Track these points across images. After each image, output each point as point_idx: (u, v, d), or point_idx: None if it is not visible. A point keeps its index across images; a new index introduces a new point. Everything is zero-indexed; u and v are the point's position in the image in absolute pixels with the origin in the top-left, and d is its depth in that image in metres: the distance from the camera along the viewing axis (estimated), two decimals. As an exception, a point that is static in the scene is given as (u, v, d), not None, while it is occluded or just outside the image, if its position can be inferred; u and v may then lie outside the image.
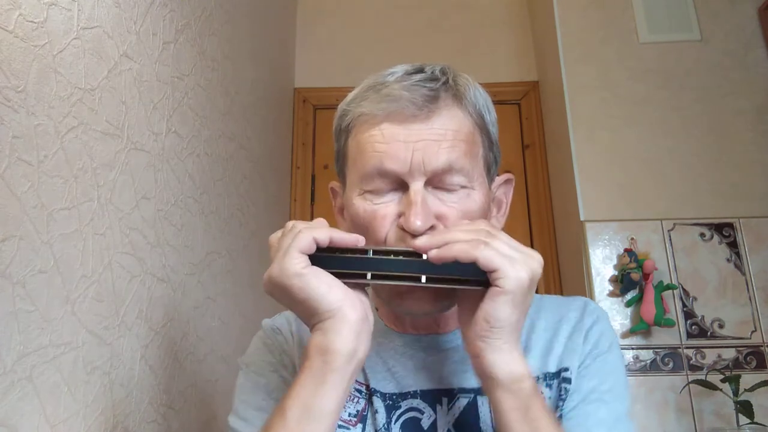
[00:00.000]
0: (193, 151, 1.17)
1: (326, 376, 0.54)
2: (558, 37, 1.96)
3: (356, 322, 0.56)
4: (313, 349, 0.56)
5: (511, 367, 0.55)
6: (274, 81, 2.04)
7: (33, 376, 0.64)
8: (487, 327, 0.54)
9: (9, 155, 0.61)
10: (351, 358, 0.55)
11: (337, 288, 0.56)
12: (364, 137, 0.63)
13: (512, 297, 0.53)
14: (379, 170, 0.61)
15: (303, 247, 0.55)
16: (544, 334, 0.69)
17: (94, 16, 0.79)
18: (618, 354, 0.68)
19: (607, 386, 0.64)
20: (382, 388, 0.67)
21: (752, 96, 1.84)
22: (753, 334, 1.63)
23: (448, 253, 0.54)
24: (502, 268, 0.53)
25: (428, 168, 0.60)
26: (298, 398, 0.54)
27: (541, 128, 2.29)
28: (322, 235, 0.56)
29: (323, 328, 0.56)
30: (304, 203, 2.27)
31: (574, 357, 0.66)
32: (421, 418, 0.65)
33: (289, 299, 0.57)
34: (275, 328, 0.75)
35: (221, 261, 1.33)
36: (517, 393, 0.54)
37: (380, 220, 0.62)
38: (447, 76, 0.65)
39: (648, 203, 1.76)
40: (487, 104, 0.67)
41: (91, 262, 0.76)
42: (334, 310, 0.55)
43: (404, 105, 0.61)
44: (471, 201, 0.63)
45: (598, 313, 0.70)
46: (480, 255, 0.53)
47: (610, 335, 0.68)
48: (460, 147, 0.62)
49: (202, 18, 1.24)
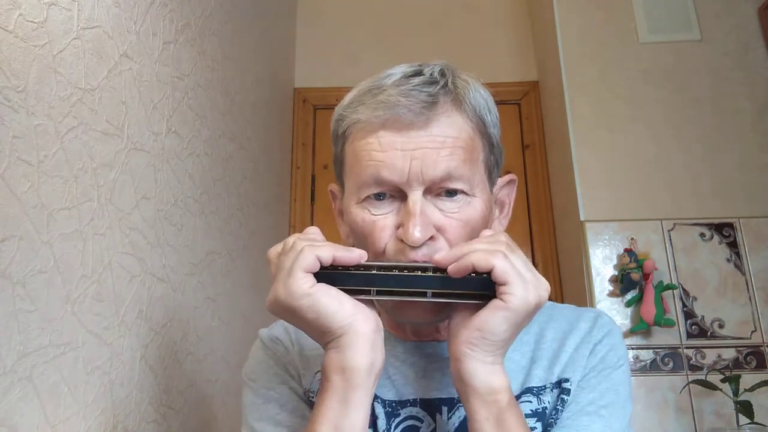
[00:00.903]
0: (193, 151, 1.17)
1: (349, 394, 0.54)
2: (558, 37, 1.96)
3: (370, 333, 0.55)
4: (331, 367, 0.55)
5: (490, 379, 0.54)
6: (274, 81, 2.04)
7: (33, 376, 0.64)
8: (478, 336, 0.53)
9: (9, 155, 0.61)
10: (370, 371, 0.55)
11: (347, 302, 0.55)
12: (360, 145, 0.62)
13: (513, 315, 0.52)
14: (377, 180, 0.60)
15: (307, 267, 0.54)
16: (551, 344, 0.67)
17: (94, 16, 0.79)
18: (625, 371, 0.66)
19: (605, 401, 0.62)
20: (382, 395, 0.66)
21: (752, 96, 1.84)
22: (753, 334, 1.63)
23: (467, 263, 0.53)
24: (514, 284, 0.52)
25: (426, 177, 0.59)
26: (326, 421, 0.54)
27: (541, 128, 2.29)
28: (325, 254, 0.55)
29: (338, 346, 0.55)
30: (304, 203, 2.27)
31: (576, 368, 0.64)
32: (420, 426, 0.64)
33: (299, 320, 0.56)
34: (274, 338, 0.73)
35: (221, 261, 1.33)
36: (492, 404, 0.54)
37: (379, 232, 0.60)
38: (446, 78, 0.63)
39: (648, 203, 1.75)
40: (488, 104, 0.66)
41: (91, 262, 0.76)
42: (346, 326, 0.54)
43: (401, 112, 0.60)
44: (471, 209, 0.62)
45: (610, 327, 0.68)
46: (497, 263, 0.52)
47: (619, 351, 0.66)
48: (459, 154, 0.61)
49: (202, 18, 1.24)
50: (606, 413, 0.62)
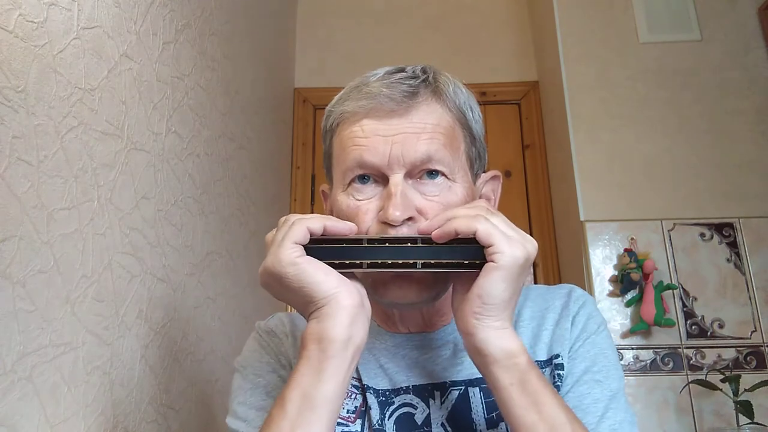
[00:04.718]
0: (193, 151, 1.17)
1: (323, 363, 0.54)
2: (558, 37, 1.96)
3: (352, 307, 0.56)
4: (309, 337, 0.56)
5: (504, 343, 0.55)
6: (274, 81, 2.04)
7: (33, 376, 0.64)
8: (480, 303, 0.54)
9: (9, 155, 0.61)
10: (347, 344, 0.55)
11: (332, 276, 0.56)
12: (345, 134, 0.65)
13: (506, 273, 0.54)
14: (360, 163, 0.62)
15: (297, 238, 0.56)
16: (530, 323, 0.69)
17: (94, 16, 0.79)
18: (606, 334, 0.69)
19: (598, 366, 0.65)
20: (375, 385, 0.67)
21: (752, 96, 1.84)
22: (753, 334, 1.63)
23: (450, 227, 0.55)
24: (499, 243, 0.54)
25: (407, 160, 0.61)
26: (297, 387, 0.54)
27: (541, 128, 2.29)
28: (315, 224, 0.56)
29: (319, 316, 0.56)
30: (304, 203, 2.27)
31: (563, 343, 0.67)
32: (414, 413, 0.65)
33: (285, 289, 0.57)
34: (269, 329, 0.75)
35: (221, 261, 1.33)
36: (512, 368, 0.54)
37: (362, 216, 0.62)
38: (427, 74, 0.66)
39: (648, 203, 1.75)
40: (469, 103, 0.68)
41: (91, 262, 0.76)
42: (329, 297, 0.55)
43: (383, 101, 0.62)
44: (452, 194, 0.63)
45: (585, 299, 0.71)
46: (480, 227, 0.54)
47: (597, 317, 0.69)
48: (440, 139, 0.63)
49: (202, 18, 1.24)
50: (602, 377, 0.64)
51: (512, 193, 2.23)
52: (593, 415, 0.61)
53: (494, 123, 2.29)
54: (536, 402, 0.53)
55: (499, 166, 2.20)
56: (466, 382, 0.66)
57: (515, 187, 2.25)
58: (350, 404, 0.67)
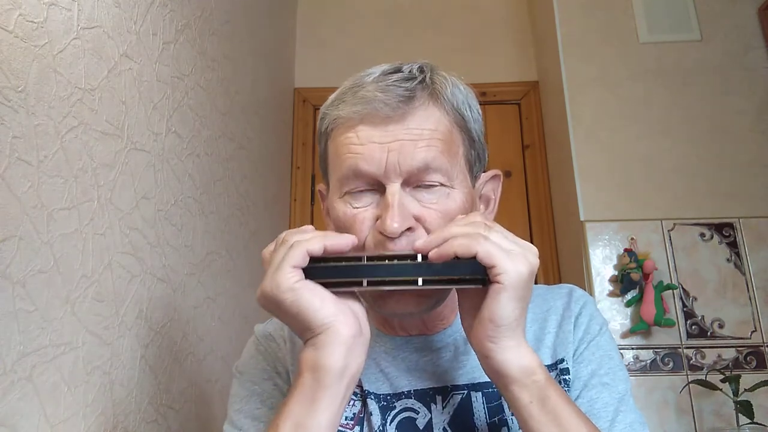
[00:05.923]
0: (193, 151, 1.17)
1: (317, 393, 0.54)
2: (558, 37, 1.96)
3: (348, 337, 0.54)
4: (304, 365, 0.55)
5: (523, 362, 0.54)
6: (274, 81, 2.04)
7: (33, 376, 0.64)
8: (493, 327, 0.53)
9: (9, 155, 0.61)
10: (342, 374, 0.54)
11: (329, 302, 0.55)
12: (340, 140, 0.63)
13: (514, 292, 0.52)
14: (355, 172, 0.61)
15: (296, 261, 0.54)
16: (531, 325, 0.69)
17: (94, 16, 0.79)
18: (609, 335, 0.69)
19: (604, 369, 0.65)
20: (375, 390, 0.67)
21: (752, 96, 1.84)
22: (753, 334, 1.63)
23: (449, 249, 0.53)
24: (501, 263, 0.52)
25: (404, 168, 0.60)
26: (290, 417, 0.54)
27: (541, 128, 2.29)
28: (315, 246, 0.55)
29: (315, 343, 0.55)
30: (304, 203, 2.27)
31: (567, 346, 0.66)
32: (416, 417, 0.65)
33: (282, 314, 0.56)
34: (267, 334, 0.75)
35: (221, 261, 1.33)
36: (531, 386, 0.54)
37: (359, 225, 0.61)
38: (424, 74, 0.64)
39: (648, 203, 1.75)
40: (467, 101, 0.66)
41: (91, 262, 0.76)
42: (326, 325, 0.54)
43: (379, 107, 0.61)
44: (451, 201, 0.62)
45: (585, 299, 0.70)
46: (480, 249, 0.52)
47: (598, 318, 0.69)
48: (437, 146, 0.61)
49: (202, 18, 1.24)
50: (609, 380, 0.64)
51: (512, 193, 2.23)
52: (604, 419, 0.61)
53: (494, 123, 2.29)
54: (556, 418, 0.53)
55: (499, 166, 2.18)
56: (469, 386, 0.66)
57: (515, 187, 2.25)
58: (348, 411, 0.66)
